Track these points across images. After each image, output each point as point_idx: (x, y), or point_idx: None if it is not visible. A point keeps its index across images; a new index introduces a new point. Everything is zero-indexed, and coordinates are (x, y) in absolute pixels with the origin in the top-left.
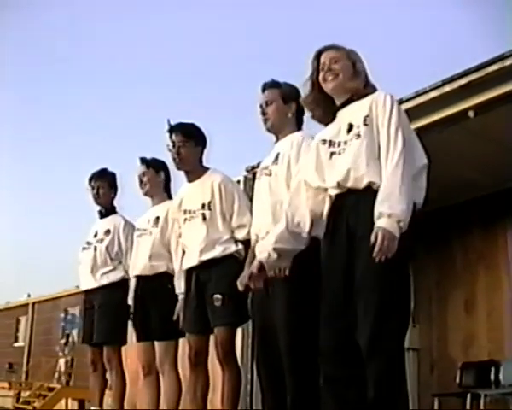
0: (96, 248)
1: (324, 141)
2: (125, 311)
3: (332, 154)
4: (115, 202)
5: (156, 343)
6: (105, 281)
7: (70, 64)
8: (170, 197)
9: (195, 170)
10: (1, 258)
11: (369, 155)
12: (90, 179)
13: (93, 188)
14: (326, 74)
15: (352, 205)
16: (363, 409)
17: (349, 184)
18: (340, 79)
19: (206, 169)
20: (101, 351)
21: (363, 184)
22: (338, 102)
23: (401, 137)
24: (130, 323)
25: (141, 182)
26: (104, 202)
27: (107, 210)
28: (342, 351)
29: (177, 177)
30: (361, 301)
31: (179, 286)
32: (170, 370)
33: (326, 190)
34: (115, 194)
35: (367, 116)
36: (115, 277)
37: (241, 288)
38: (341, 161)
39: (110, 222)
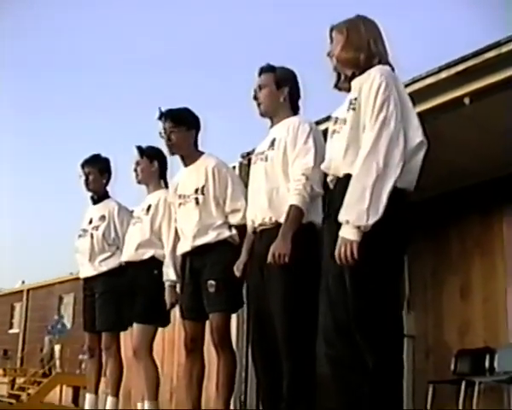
0: (92, 236)
1: (332, 118)
2: (125, 297)
3: (333, 132)
4: (108, 188)
5: (134, 327)
6: (104, 268)
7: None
8: (166, 185)
9: (190, 154)
10: None
11: (349, 144)
12: (82, 165)
13: (84, 174)
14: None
15: (336, 191)
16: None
17: (331, 172)
18: (334, 58)
19: (201, 153)
20: (99, 338)
21: (341, 173)
22: (348, 75)
23: (381, 119)
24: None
25: (135, 170)
26: (95, 187)
27: (100, 196)
28: (341, 334)
29: (174, 163)
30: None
31: (167, 273)
32: (145, 355)
33: None
34: (108, 179)
35: (355, 99)
36: (114, 263)
37: (238, 274)
38: (332, 147)
39: (104, 208)
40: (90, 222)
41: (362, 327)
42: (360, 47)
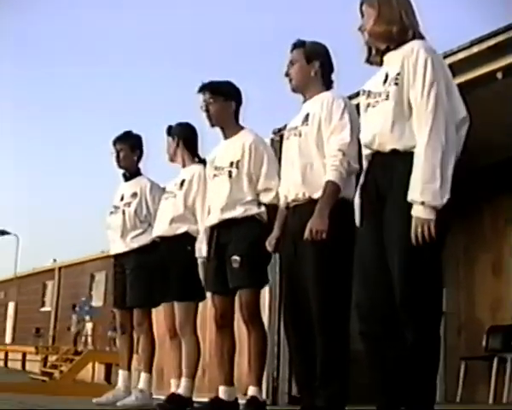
0: (124, 212)
1: (364, 91)
2: (157, 273)
3: (367, 106)
4: (141, 165)
5: (175, 305)
6: (136, 245)
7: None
8: (200, 161)
9: (229, 127)
10: (26, 223)
11: (395, 119)
12: (114, 142)
13: (115, 151)
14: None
15: (380, 166)
16: (401, 363)
17: (375, 147)
18: (366, 32)
19: (242, 128)
20: (130, 314)
21: (387, 149)
22: (381, 48)
23: (433, 95)
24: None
25: (168, 150)
26: (126, 164)
27: (131, 173)
28: (378, 310)
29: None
30: (392, 262)
31: (200, 250)
32: (190, 333)
33: None
34: (139, 156)
35: (398, 74)
36: (146, 239)
37: (270, 248)
38: (370, 121)
39: (136, 185)
40: (122, 199)
41: (409, 303)
42: (393, 20)
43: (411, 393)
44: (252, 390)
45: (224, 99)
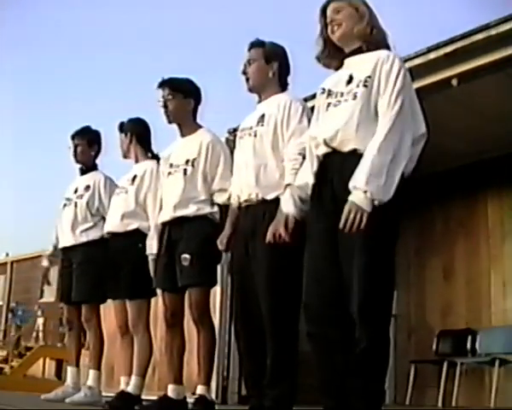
0: (76, 205)
1: (323, 90)
2: (104, 269)
3: (328, 105)
4: (98, 161)
5: (128, 303)
6: (84, 238)
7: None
8: (153, 156)
9: (187, 125)
10: None
11: (361, 120)
12: (72, 137)
13: (73, 145)
14: (332, 26)
15: (337, 166)
16: (349, 365)
17: (335, 145)
18: (343, 27)
19: (200, 127)
20: (78, 310)
21: (347, 147)
22: (346, 50)
23: (399, 103)
24: None
25: (121, 146)
26: (83, 159)
27: (88, 167)
28: (327, 311)
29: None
30: (346, 266)
31: (151, 246)
32: (143, 330)
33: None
34: (97, 152)
35: (368, 77)
36: (95, 234)
37: (221, 247)
38: (333, 119)
39: (90, 178)
40: (76, 192)
41: (367, 304)
42: (373, 25)
43: (359, 395)
44: (200, 389)
45: (183, 96)
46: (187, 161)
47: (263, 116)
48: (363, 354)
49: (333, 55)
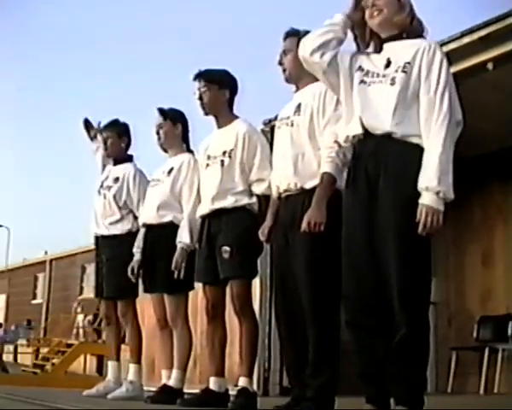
0: (105, 196)
1: (362, 69)
2: (142, 262)
3: (363, 82)
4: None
5: (165, 298)
6: (112, 231)
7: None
8: (188, 149)
9: (223, 116)
10: (17, 215)
11: (398, 105)
12: (100, 131)
13: (103, 139)
14: (371, 10)
15: (371, 151)
16: (390, 353)
17: (369, 127)
18: (384, 14)
19: (236, 117)
20: (114, 305)
21: (382, 131)
22: (383, 36)
23: (447, 98)
24: None
25: (158, 133)
26: (113, 152)
27: (119, 159)
28: (366, 300)
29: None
30: (383, 251)
31: (180, 235)
32: (182, 324)
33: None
34: (127, 144)
35: (407, 63)
36: (122, 228)
37: (262, 238)
38: (369, 101)
39: (120, 170)
40: (105, 180)
41: (406, 291)
42: (413, 14)
43: (401, 383)
44: (242, 381)
45: (218, 87)
46: (224, 153)
47: (299, 106)
48: (403, 341)
49: (362, 31)
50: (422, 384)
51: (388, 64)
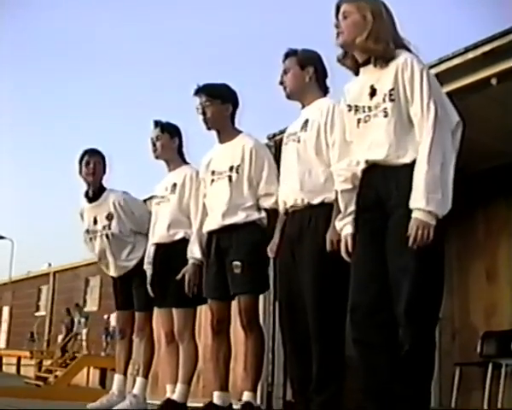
0: (107, 236)
1: (350, 107)
2: (155, 277)
3: (359, 121)
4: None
5: (174, 311)
6: (133, 262)
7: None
8: (185, 162)
9: (226, 130)
10: (21, 228)
11: (397, 135)
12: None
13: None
14: (336, 31)
15: (380, 175)
16: (395, 369)
17: (377, 161)
18: (344, 37)
19: (239, 132)
20: (132, 319)
21: (389, 163)
22: (359, 60)
23: (433, 111)
24: None
25: (153, 145)
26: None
27: (96, 192)
28: (373, 317)
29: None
30: (393, 267)
31: (191, 251)
32: (189, 338)
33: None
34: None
35: (392, 90)
36: (139, 253)
37: (271, 255)
38: (368, 137)
39: (108, 206)
40: (98, 222)
41: (415, 308)
42: (384, 38)
43: (405, 400)
44: (247, 396)
45: (221, 102)
46: (231, 168)
47: (306, 122)
48: (407, 357)
49: (351, 57)
50: (426, 402)
51: (373, 93)
